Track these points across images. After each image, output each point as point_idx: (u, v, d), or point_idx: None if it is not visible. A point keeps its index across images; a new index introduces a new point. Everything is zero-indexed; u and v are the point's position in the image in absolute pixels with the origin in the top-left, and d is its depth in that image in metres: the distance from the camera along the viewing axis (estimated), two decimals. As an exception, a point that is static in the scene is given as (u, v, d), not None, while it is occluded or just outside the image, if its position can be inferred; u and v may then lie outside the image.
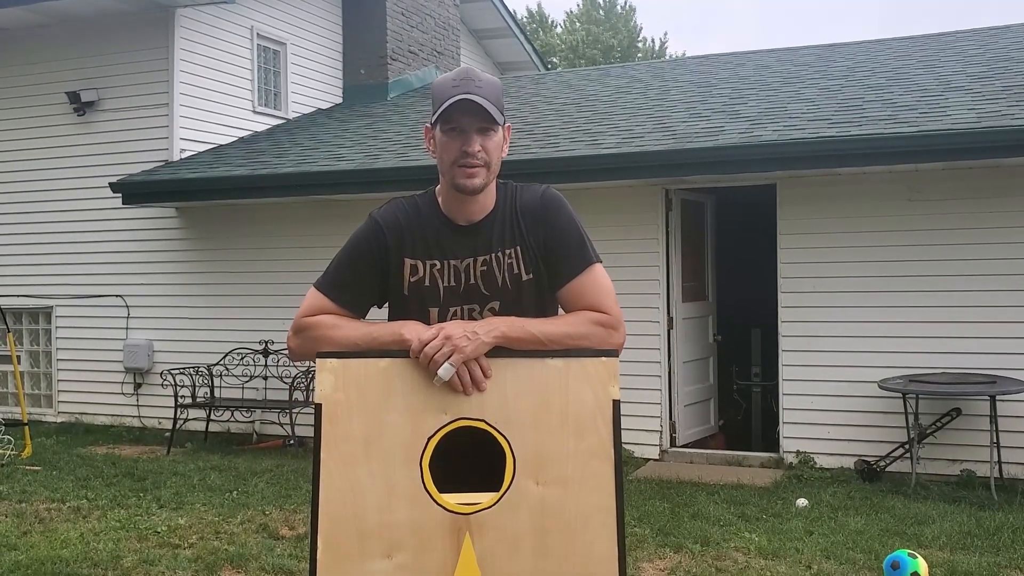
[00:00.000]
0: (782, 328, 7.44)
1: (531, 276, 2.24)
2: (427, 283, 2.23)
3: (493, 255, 2.23)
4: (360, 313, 2.25)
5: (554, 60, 29.15)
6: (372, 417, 2.03)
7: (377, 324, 2.18)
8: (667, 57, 30.28)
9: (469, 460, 2.10)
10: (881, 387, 6.70)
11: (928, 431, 6.71)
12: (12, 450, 8.00)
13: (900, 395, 6.64)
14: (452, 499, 2.02)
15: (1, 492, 6.72)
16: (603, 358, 2.08)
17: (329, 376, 2.05)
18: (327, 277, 2.26)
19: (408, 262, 2.24)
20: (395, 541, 2.00)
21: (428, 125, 2.24)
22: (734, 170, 7.23)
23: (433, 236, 2.24)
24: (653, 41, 32.83)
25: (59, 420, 9.95)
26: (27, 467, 7.56)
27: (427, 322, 2.18)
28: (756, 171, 7.22)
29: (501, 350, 2.08)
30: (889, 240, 7.12)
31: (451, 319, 2.21)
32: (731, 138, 7.33)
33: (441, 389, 2.05)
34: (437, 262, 2.23)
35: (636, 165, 7.41)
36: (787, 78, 9.33)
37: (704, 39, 48.81)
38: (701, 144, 7.32)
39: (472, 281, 2.23)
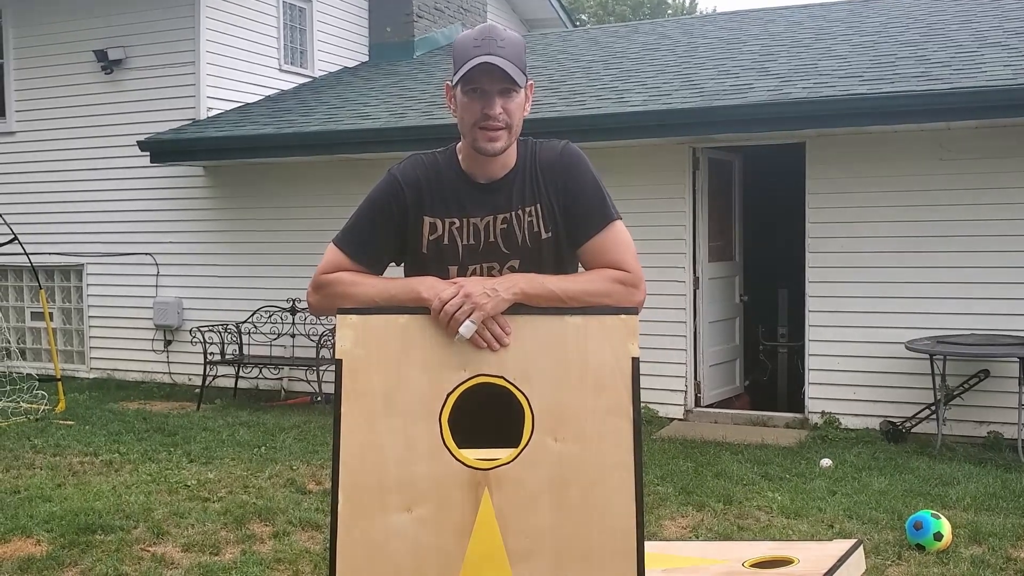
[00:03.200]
0: (809, 288, 7.39)
1: (550, 234, 2.23)
2: (446, 241, 2.23)
3: (513, 213, 2.22)
4: (378, 269, 2.26)
5: (583, 17, 28.80)
6: (392, 373, 2.05)
7: (395, 281, 2.19)
8: (698, 13, 29.83)
9: (489, 418, 2.11)
10: (908, 348, 6.65)
11: (955, 392, 6.66)
12: (46, 405, 8.17)
13: (927, 356, 6.59)
14: (471, 455, 2.03)
15: (36, 446, 6.87)
16: (623, 315, 2.07)
17: (349, 332, 2.06)
18: (346, 233, 2.26)
19: (427, 220, 2.23)
20: (415, 495, 2.02)
21: (449, 83, 2.23)
22: (762, 128, 7.14)
23: (453, 194, 2.23)
24: (683, -3, 32.31)
25: (91, 376, 10.12)
26: (61, 422, 7.71)
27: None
28: (785, 129, 7.12)
29: (520, 307, 2.08)
30: (919, 200, 7.02)
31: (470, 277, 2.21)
32: (760, 96, 7.23)
33: (460, 346, 2.05)
34: (456, 220, 2.23)
35: (663, 123, 7.33)
36: (819, 34, 9.17)
37: (735, -5, 47.90)
38: (729, 102, 7.23)
39: (492, 239, 2.22)
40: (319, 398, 8.54)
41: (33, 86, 10.34)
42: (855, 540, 3.20)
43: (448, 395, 2.04)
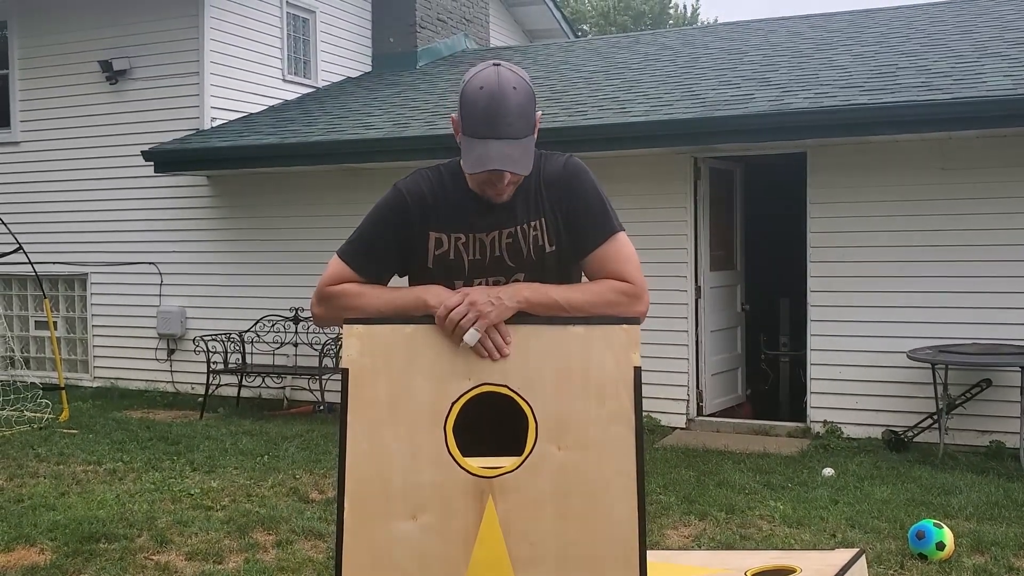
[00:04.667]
0: (811, 298, 7.40)
1: (554, 247, 2.25)
2: (452, 256, 2.25)
3: (518, 227, 2.24)
4: (381, 281, 2.27)
5: (584, 27, 28.89)
6: (398, 382, 2.07)
7: (400, 290, 2.21)
8: (699, 23, 29.92)
9: (494, 430, 2.14)
10: (910, 357, 6.66)
11: (957, 402, 6.67)
12: (50, 414, 8.18)
13: (929, 365, 6.60)
14: (475, 463, 2.06)
15: (40, 454, 6.88)
16: (625, 325, 2.10)
17: (356, 342, 2.09)
18: (350, 246, 2.28)
19: (433, 235, 2.25)
20: (420, 503, 2.04)
21: (454, 117, 2.21)
22: (764, 138, 7.16)
23: (458, 209, 2.25)
24: (685, 7, 32.44)
25: (95, 385, 10.14)
26: (65, 430, 7.73)
27: None
28: (786, 139, 7.15)
29: (524, 316, 2.11)
30: (920, 209, 7.05)
31: None
32: (761, 106, 7.26)
33: (465, 355, 2.08)
34: (462, 235, 2.24)
35: (664, 133, 7.36)
36: (819, 45, 9.21)
37: (737, 3, 48.08)
38: (731, 112, 7.26)
39: (497, 253, 2.24)
40: (322, 407, 8.55)
41: (38, 96, 10.39)
42: (857, 550, 3.21)
43: (453, 404, 2.07)
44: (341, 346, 2.28)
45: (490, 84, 2.11)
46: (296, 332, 8.98)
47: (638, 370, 2.07)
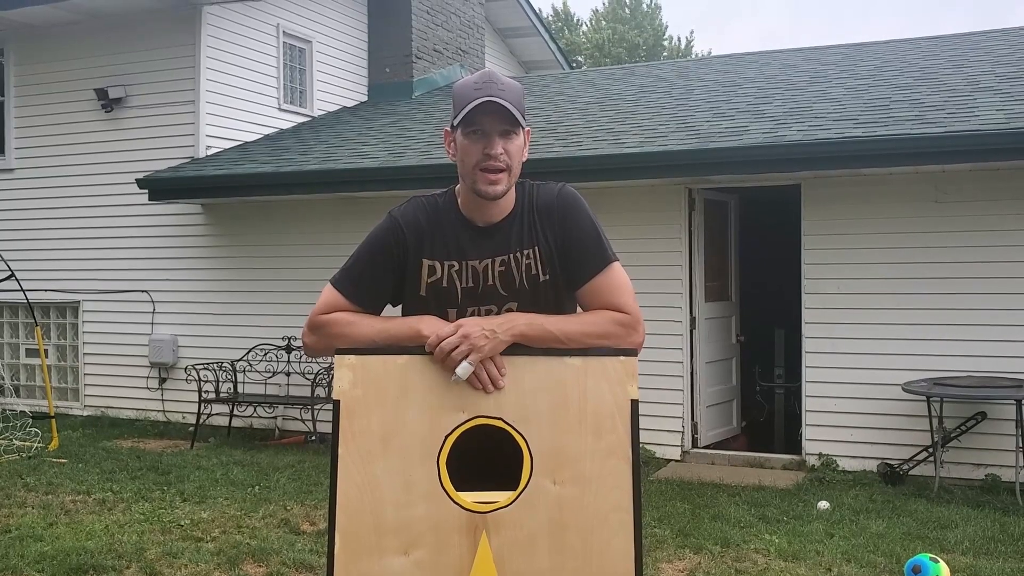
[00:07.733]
0: (805, 329, 7.39)
1: (548, 276, 2.24)
2: (445, 284, 2.23)
3: (511, 255, 2.23)
4: (375, 311, 2.25)
5: (579, 59, 29.11)
6: (390, 414, 2.04)
7: (393, 320, 2.19)
8: (693, 55, 30.18)
9: (487, 460, 2.10)
10: (905, 390, 6.64)
11: (952, 435, 6.64)
12: (39, 443, 8.10)
13: (924, 398, 6.58)
14: (469, 497, 2.02)
15: (28, 484, 6.80)
16: (622, 357, 2.07)
17: (348, 373, 2.06)
18: (344, 274, 2.26)
19: (426, 263, 2.23)
20: (412, 538, 2.00)
21: (448, 128, 2.24)
22: (758, 170, 7.20)
23: (452, 237, 2.24)
24: (679, 40, 32.73)
25: (85, 413, 10.06)
26: (54, 460, 7.65)
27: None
28: (781, 171, 7.18)
29: (519, 348, 2.08)
30: (915, 242, 7.06)
31: None
32: (755, 138, 7.29)
33: (459, 387, 2.05)
34: (455, 263, 2.23)
35: (659, 164, 7.38)
36: (813, 77, 9.27)
37: (731, 37, 48.58)
38: (725, 144, 7.29)
39: (490, 282, 2.23)
40: (313, 437, 8.49)
41: (33, 123, 10.39)
42: (854, 584, 3.17)
43: (446, 437, 2.04)
44: (333, 376, 2.25)
45: (481, 71, 2.22)
46: (288, 361, 8.93)
47: (635, 403, 2.05)
